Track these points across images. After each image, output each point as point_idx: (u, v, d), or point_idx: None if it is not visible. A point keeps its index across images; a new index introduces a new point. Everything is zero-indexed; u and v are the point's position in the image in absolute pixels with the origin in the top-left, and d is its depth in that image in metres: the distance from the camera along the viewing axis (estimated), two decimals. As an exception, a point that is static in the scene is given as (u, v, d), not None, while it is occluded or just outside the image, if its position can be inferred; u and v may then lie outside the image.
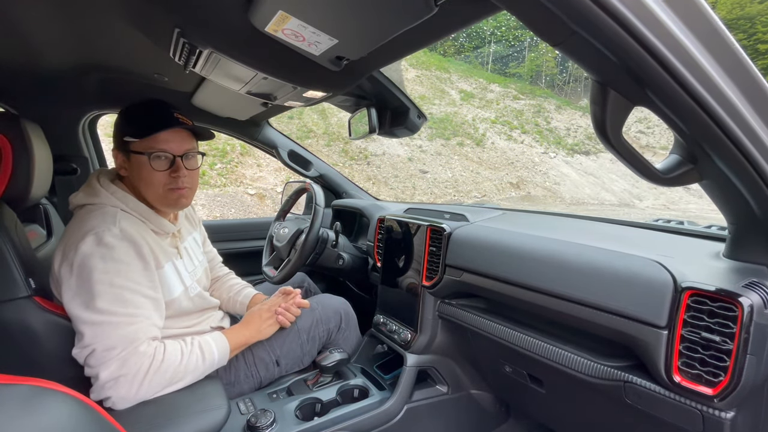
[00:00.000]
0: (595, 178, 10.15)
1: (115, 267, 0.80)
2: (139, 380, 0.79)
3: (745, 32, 13.29)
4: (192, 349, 0.88)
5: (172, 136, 0.93)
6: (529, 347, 0.89)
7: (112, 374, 0.77)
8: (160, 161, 0.92)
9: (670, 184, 0.59)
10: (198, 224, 1.23)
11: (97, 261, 0.79)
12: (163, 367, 0.82)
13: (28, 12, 0.76)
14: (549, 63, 15.25)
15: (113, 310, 0.78)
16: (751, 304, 0.58)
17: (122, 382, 0.78)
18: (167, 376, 0.83)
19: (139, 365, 0.79)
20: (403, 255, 1.25)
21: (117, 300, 0.79)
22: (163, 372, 0.82)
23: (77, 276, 0.79)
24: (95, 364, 0.78)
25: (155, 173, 0.92)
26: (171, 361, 0.83)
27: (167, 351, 0.84)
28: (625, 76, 0.46)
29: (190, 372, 0.87)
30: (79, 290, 0.79)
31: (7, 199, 0.88)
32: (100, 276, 0.79)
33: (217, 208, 5.52)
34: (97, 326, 0.78)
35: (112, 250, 0.81)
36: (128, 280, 0.82)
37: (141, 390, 0.80)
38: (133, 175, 0.94)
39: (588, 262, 0.79)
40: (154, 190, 0.93)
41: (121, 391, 0.78)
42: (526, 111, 12.50)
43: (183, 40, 0.72)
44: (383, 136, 1.23)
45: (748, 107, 0.49)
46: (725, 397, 0.60)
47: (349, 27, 0.64)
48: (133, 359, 0.78)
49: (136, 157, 0.92)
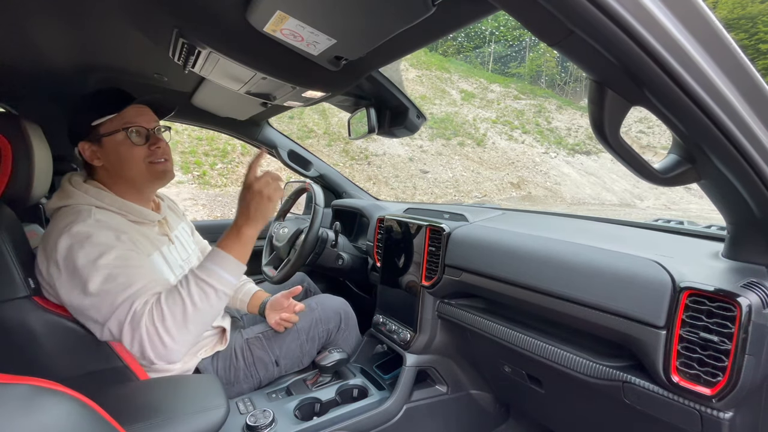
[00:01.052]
0: (596, 178, 10.14)
1: (96, 250, 0.79)
2: (155, 337, 0.75)
3: (746, 32, 13.27)
4: (190, 287, 0.79)
5: (139, 111, 0.93)
6: (528, 347, 0.89)
7: (132, 341, 0.76)
8: (138, 136, 0.91)
9: (669, 184, 0.59)
10: (183, 216, 1.21)
11: (77, 250, 0.78)
12: (167, 317, 0.76)
13: (28, 13, 0.77)
14: (549, 63, 15.24)
15: (105, 288, 0.77)
16: (750, 304, 0.58)
17: (144, 343, 0.75)
18: (177, 319, 0.76)
19: (144, 324, 0.75)
20: (403, 255, 1.25)
21: (107, 278, 0.77)
22: (174, 320, 0.76)
23: (65, 270, 0.78)
24: (118, 337, 0.77)
25: (135, 149, 0.91)
26: (172, 308, 0.77)
27: (162, 302, 0.77)
28: (623, 76, 0.46)
29: (205, 305, 0.78)
30: (71, 282, 0.78)
31: (7, 199, 0.89)
32: (83, 262, 0.78)
33: (218, 208, 5.52)
34: (97, 307, 0.77)
35: (90, 237, 0.80)
36: (113, 258, 0.79)
37: (166, 342, 0.75)
38: (110, 159, 0.91)
39: (587, 262, 0.79)
40: (137, 166, 0.92)
41: (152, 351, 0.75)
42: (527, 111, 12.49)
43: (182, 40, 0.72)
44: (383, 136, 1.23)
45: (746, 107, 0.49)
46: (723, 397, 0.60)
47: (348, 27, 0.65)
48: (136, 320, 0.76)
49: (110, 139, 0.90)
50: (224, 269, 0.81)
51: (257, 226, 0.86)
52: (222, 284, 0.81)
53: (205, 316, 0.79)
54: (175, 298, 0.78)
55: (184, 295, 0.78)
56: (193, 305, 0.77)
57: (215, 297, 0.80)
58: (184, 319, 0.77)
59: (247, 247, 0.86)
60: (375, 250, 1.45)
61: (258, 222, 0.86)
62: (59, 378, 0.49)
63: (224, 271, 0.81)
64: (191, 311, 0.77)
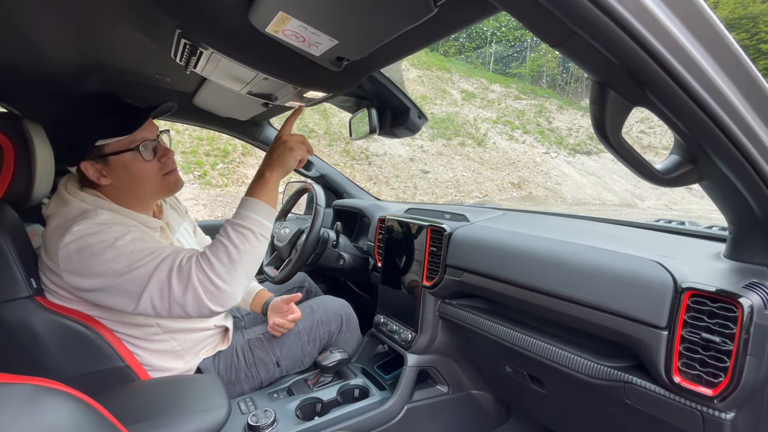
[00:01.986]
0: (597, 178, 10.13)
1: (112, 235, 0.78)
2: (208, 283, 0.76)
3: (747, 32, 13.26)
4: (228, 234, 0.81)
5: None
6: (529, 347, 0.89)
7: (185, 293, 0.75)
8: (147, 152, 0.90)
9: (670, 185, 0.59)
10: (185, 214, 1.20)
11: (90, 239, 0.77)
12: (214, 262, 0.77)
13: (30, 13, 0.77)
14: (551, 63, 15.23)
15: (134, 261, 0.76)
16: (752, 305, 0.58)
17: (199, 292, 0.75)
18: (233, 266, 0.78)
19: (194, 274, 0.76)
20: (404, 255, 1.25)
21: (131, 253, 0.77)
22: (222, 264, 0.78)
23: (79, 261, 0.77)
24: (160, 301, 0.76)
25: (147, 165, 0.89)
26: (217, 254, 0.78)
27: (207, 251, 0.79)
28: (625, 76, 0.46)
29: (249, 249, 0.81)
30: (90, 270, 0.77)
31: (9, 199, 0.89)
32: (101, 247, 0.77)
33: (219, 208, 5.53)
34: (131, 279, 0.76)
35: (101, 229, 0.79)
36: (131, 239, 0.79)
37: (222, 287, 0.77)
38: (121, 177, 0.88)
39: (588, 262, 0.78)
40: (151, 182, 0.91)
41: (208, 298, 0.76)
42: (528, 111, 12.48)
43: (184, 41, 0.72)
44: (384, 136, 1.23)
45: (748, 108, 0.49)
46: (725, 397, 0.60)
47: (350, 28, 0.65)
48: (184, 272, 0.76)
49: (118, 159, 0.87)
50: (256, 213, 0.84)
51: (278, 172, 0.89)
52: (257, 226, 0.83)
53: (249, 257, 0.81)
54: (217, 246, 0.80)
55: (225, 241, 0.80)
56: (235, 248, 0.79)
57: (254, 238, 0.82)
58: (231, 262, 0.79)
59: (272, 192, 0.88)
60: (376, 251, 1.46)
61: (278, 168, 0.89)
62: (61, 378, 0.49)
63: (256, 214, 0.84)
64: (235, 254, 0.79)
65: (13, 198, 0.89)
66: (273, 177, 0.88)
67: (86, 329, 0.86)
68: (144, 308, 0.78)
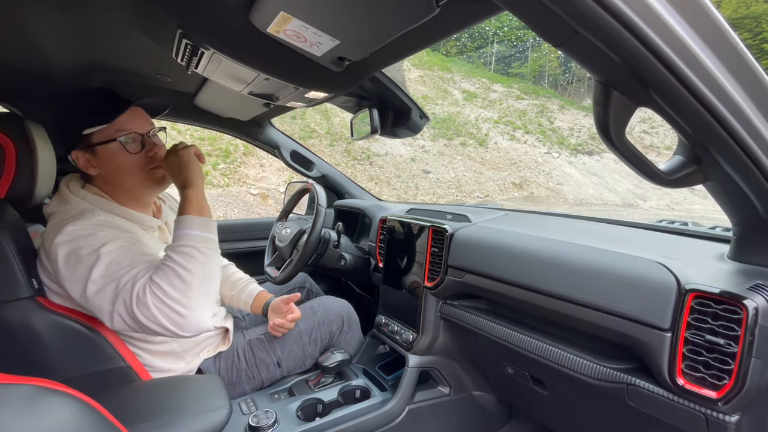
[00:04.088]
0: (599, 178, 10.11)
1: (99, 240, 0.78)
2: (168, 311, 0.75)
3: (750, 31, 13.21)
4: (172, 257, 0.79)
5: (132, 116, 0.90)
6: (531, 349, 0.89)
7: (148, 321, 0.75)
8: (133, 144, 0.89)
9: (674, 186, 0.58)
10: None
11: (80, 241, 0.78)
12: (167, 289, 0.75)
13: (31, 13, 0.77)
14: (552, 63, 15.21)
15: (109, 272, 0.76)
16: (756, 307, 0.57)
17: (161, 320, 0.75)
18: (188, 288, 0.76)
19: (151, 303, 0.75)
20: (405, 256, 1.25)
21: (110, 263, 0.77)
22: (175, 289, 0.75)
23: (65, 263, 0.78)
24: (131, 322, 0.76)
25: (131, 157, 0.89)
26: (168, 280, 0.76)
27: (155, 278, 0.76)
28: (629, 77, 0.46)
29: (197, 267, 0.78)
30: (77, 273, 0.77)
31: (11, 199, 0.89)
32: (86, 251, 0.77)
33: (220, 208, 5.53)
34: (104, 292, 0.76)
35: (93, 231, 0.79)
36: (116, 248, 0.79)
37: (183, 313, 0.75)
38: (107, 168, 0.89)
39: (590, 263, 0.78)
40: (136, 175, 0.90)
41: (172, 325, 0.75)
42: (530, 111, 12.46)
43: (185, 41, 0.72)
44: (385, 136, 1.23)
45: (753, 108, 0.49)
46: (729, 400, 0.59)
47: (351, 28, 0.64)
48: (142, 302, 0.75)
49: (104, 148, 0.88)
50: (191, 228, 0.82)
51: (195, 183, 0.87)
52: (197, 241, 0.81)
53: (201, 274, 0.78)
54: (164, 270, 0.77)
55: (171, 264, 0.78)
56: (183, 268, 0.77)
57: (199, 254, 0.80)
58: (183, 283, 0.76)
59: (200, 204, 0.86)
60: (377, 251, 1.45)
61: (193, 179, 0.87)
62: (62, 378, 0.49)
63: (191, 229, 0.82)
64: (185, 274, 0.77)
65: (14, 198, 0.89)
66: (193, 189, 0.86)
67: (87, 330, 0.86)
68: (119, 326, 0.77)
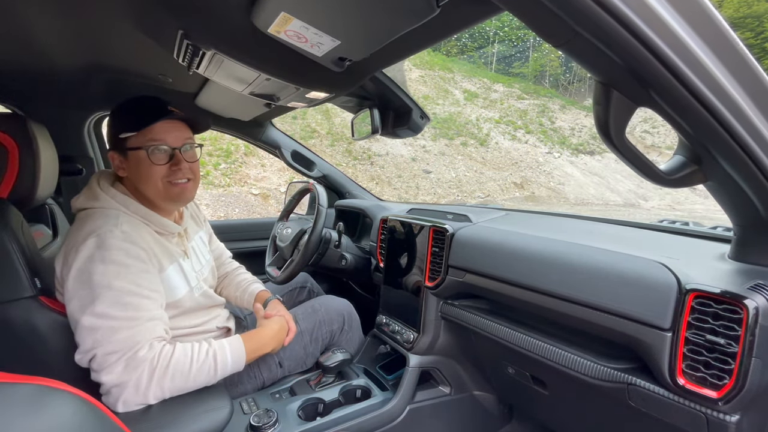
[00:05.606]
0: (600, 178, 10.09)
1: (114, 269, 0.79)
2: (144, 385, 0.77)
3: (752, 31, 13.17)
4: (203, 357, 0.85)
5: (168, 127, 0.91)
6: (531, 348, 0.89)
7: (116, 380, 0.76)
8: (159, 155, 0.90)
9: (674, 186, 0.58)
10: (204, 222, 1.22)
11: (96, 264, 0.78)
12: (169, 371, 0.79)
13: (34, 14, 0.77)
14: (553, 63, 15.18)
15: (112, 314, 0.77)
16: (757, 307, 0.57)
17: (126, 387, 0.76)
18: (175, 382, 0.80)
19: (141, 370, 0.77)
20: (406, 255, 1.25)
21: (116, 303, 0.78)
22: (170, 377, 0.79)
23: (77, 279, 0.78)
24: (98, 369, 0.77)
25: (154, 167, 0.90)
26: (179, 366, 0.81)
27: (174, 356, 0.81)
28: (629, 77, 0.46)
29: (201, 379, 0.84)
30: (79, 293, 0.78)
31: (14, 199, 0.89)
32: (99, 278, 0.78)
33: (221, 208, 5.54)
34: (96, 331, 0.76)
35: (111, 252, 0.80)
36: (128, 282, 0.80)
37: (147, 394, 0.78)
38: (132, 173, 0.92)
39: (591, 263, 0.78)
40: (154, 185, 0.91)
41: (127, 396, 0.76)
42: (531, 111, 12.44)
43: (187, 42, 0.72)
44: (386, 136, 1.23)
45: (754, 108, 0.49)
46: (730, 400, 0.59)
47: (352, 28, 0.65)
48: (134, 364, 0.77)
49: (134, 154, 0.90)
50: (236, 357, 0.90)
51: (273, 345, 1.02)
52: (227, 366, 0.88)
53: (194, 386, 0.84)
54: (182, 360, 0.82)
55: (194, 358, 0.84)
56: (194, 374, 0.83)
57: (213, 375, 0.86)
58: (183, 381, 0.82)
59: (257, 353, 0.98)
60: (378, 251, 1.45)
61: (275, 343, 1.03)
62: (65, 378, 0.50)
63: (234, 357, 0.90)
64: (190, 379, 0.82)
65: (17, 198, 0.90)
66: (266, 348, 1.00)
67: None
68: (82, 363, 0.79)
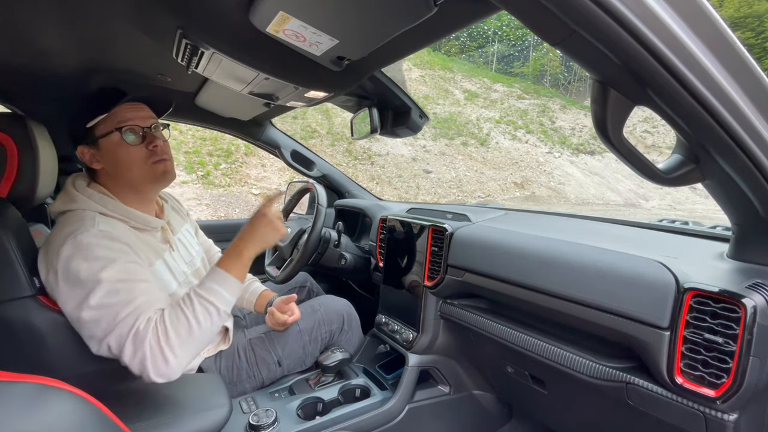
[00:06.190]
0: (601, 178, 10.08)
1: (99, 264, 0.78)
2: (157, 353, 0.75)
3: (753, 30, 13.15)
4: (189, 301, 0.81)
5: (133, 109, 0.92)
6: (530, 348, 0.89)
7: (133, 358, 0.76)
8: (133, 135, 0.90)
9: (672, 184, 0.58)
10: (187, 216, 1.20)
11: (79, 262, 0.78)
12: (169, 331, 0.76)
13: (32, 14, 0.77)
14: (553, 62, 15.17)
15: (108, 302, 0.77)
16: (755, 306, 0.57)
17: (146, 360, 0.75)
18: (183, 337, 0.77)
19: (147, 341, 0.75)
20: (406, 255, 1.25)
21: (109, 292, 0.77)
22: (175, 334, 0.77)
23: (64, 280, 0.78)
24: (118, 354, 0.77)
25: (132, 149, 0.90)
26: (175, 321, 0.78)
27: (166, 314, 0.78)
28: (626, 75, 0.46)
29: (206, 323, 0.80)
30: (70, 293, 0.78)
31: (13, 198, 0.89)
32: (86, 275, 0.77)
33: (222, 208, 5.54)
34: (99, 321, 0.77)
35: (92, 249, 0.79)
36: (116, 272, 0.79)
37: (168, 359, 0.76)
38: (109, 161, 0.90)
39: (590, 262, 0.78)
40: (137, 167, 0.90)
41: (152, 368, 0.76)
42: (531, 110, 12.44)
43: (185, 41, 0.72)
44: (385, 135, 1.24)
45: (751, 107, 0.49)
46: (728, 399, 0.59)
47: (350, 27, 0.65)
48: (138, 339, 0.76)
49: (106, 141, 0.89)
50: (225, 289, 0.84)
51: (257, 248, 0.90)
52: (223, 303, 0.83)
53: (206, 334, 0.81)
54: (179, 315, 0.79)
55: (188, 313, 0.79)
56: (197, 323, 0.79)
57: (217, 316, 0.82)
58: (189, 336, 0.78)
59: (245, 267, 0.89)
60: (378, 250, 1.46)
61: (257, 244, 0.90)
62: (64, 376, 0.50)
63: (225, 290, 0.83)
64: (196, 330, 0.79)
65: (16, 197, 0.90)
66: (249, 253, 0.89)
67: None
68: (103, 352, 0.79)
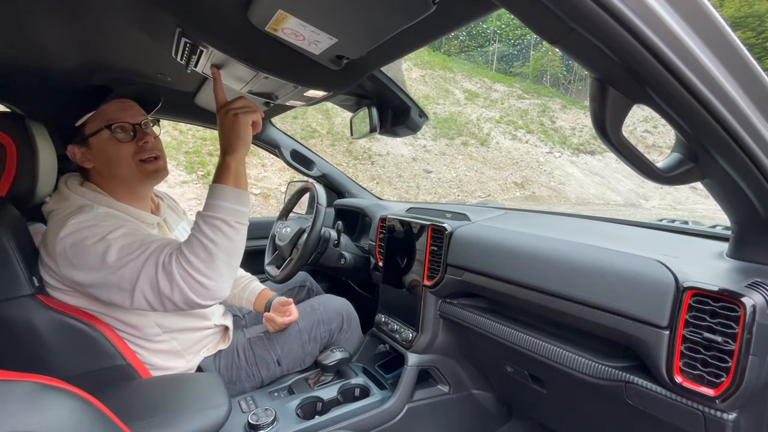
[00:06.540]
0: (601, 177, 10.08)
1: (103, 230, 0.78)
2: (192, 281, 0.75)
3: (753, 30, 13.15)
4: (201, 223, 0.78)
5: (122, 106, 0.91)
6: (530, 347, 0.89)
7: (172, 291, 0.75)
8: (123, 132, 0.89)
9: (672, 183, 0.58)
10: (184, 214, 1.21)
11: (84, 232, 0.78)
12: (193, 260, 0.75)
13: (32, 13, 0.77)
14: (554, 62, 15.15)
15: (124, 255, 0.76)
16: (754, 305, 0.57)
17: (185, 290, 0.75)
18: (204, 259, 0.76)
19: (176, 272, 0.75)
20: (405, 254, 1.25)
21: (122, 247, 0.77)
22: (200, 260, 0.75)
23: (74, 254, 0.77)
24: (154, 295, 0.76)
25: (122, 146, 0.89)
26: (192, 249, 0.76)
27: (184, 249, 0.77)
28: (625, 73, 0.46)
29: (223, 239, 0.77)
30: (86, 261, 0.77)
31: (12, 197, 0.89)
32: (93, 240, 0.77)
33: (222, 208, 5.53)
34: (122, 275, 0.75)
35: (95, 222, 0.79)
36: (123, 232, 0.79)
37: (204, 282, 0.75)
38: (99, 160, 0.91)
39: (590, 261, 0.78)
40: (127, 164, 0.90)
41: (195, 295, 0.75)
42: (531, 110, 12.43)
43: (184, 40, 0.72)
44: (385, 135, 1.23)
45: (750, 105, 0.48)
46: (727, 398, 0.59)
47: (349, 26, 0.65)
48: (168, 270, 0.75)
49: (96, 139, 0.89)
50: (225, 200, 0.79)
51: (237, 148, 0.81)
52: (228, 214, 0.79)
53: (227, 248, 0.78)
54: (192, 241, 0.77)
55: (199, 236, 0.77)
56: (210, 241, 0.77)
57: (228, 228, 0.78)
58: (209, 256, 0.76)
59: (237, 174, 0.81)
60: (377, 250, 1.45)
61: (235, 144, 0.81)
62: (63, 376, 0.50)
63: (225, 201, 0.79)
64: (212, 247, 0.76)
65: (16, 196, 0.90)
66: (235, 157, 0.81)
67: (88, 327, 0.86)
68: (139, 303, 0.77)
